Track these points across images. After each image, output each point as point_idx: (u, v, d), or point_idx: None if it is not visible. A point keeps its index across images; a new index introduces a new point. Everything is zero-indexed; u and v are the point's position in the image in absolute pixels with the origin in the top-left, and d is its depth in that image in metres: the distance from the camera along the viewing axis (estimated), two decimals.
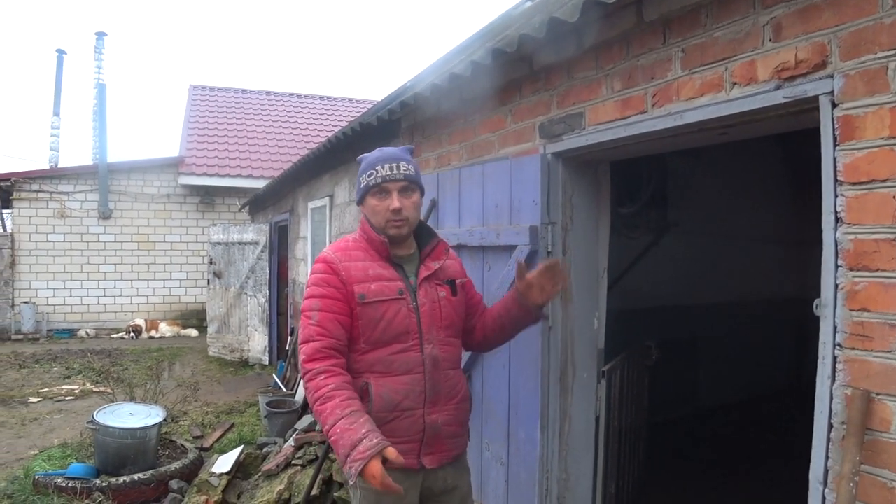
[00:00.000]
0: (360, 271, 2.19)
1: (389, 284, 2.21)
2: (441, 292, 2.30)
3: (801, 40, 1.80)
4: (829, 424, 1.74)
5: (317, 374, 2.06)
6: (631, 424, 3.77)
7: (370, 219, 2.28)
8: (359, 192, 2.30)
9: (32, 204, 13.72)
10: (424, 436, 2.21)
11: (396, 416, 2.17)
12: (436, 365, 2.23)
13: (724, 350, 6.31)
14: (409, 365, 2.19)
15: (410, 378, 2.19)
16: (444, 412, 2.26)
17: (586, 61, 2.63)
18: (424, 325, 2.22)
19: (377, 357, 2.19)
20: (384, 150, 2.30)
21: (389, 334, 2.18)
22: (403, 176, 2.21)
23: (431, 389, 2.21)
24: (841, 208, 1.72)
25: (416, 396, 2.19)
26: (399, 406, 2.17)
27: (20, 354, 11.11)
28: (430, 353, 2.22)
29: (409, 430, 2.18)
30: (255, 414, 7.26)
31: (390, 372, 2.18)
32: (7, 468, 5.41)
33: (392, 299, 2.18)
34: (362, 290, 2.16)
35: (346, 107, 19.28)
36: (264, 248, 10.57)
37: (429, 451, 2.23)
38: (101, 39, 22.53)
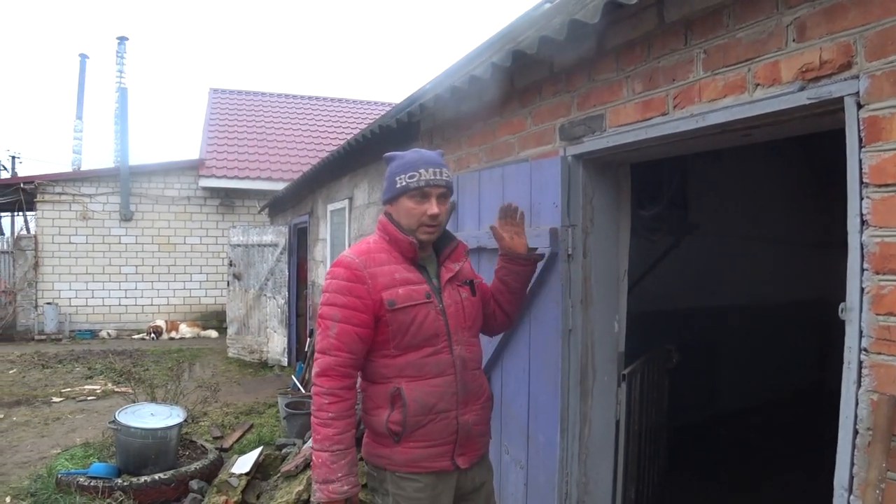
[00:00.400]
0: (387, 276, 2.16)
1: (417, 288, 2.19)
2: (463, 293, 2.31)
3: (825, 40, 1.78)
4: (855, 430, 1.72)
5: (324, 393, 2.09)
6: (651, 428, 3.74)
7: (400, 220, 2.23)
8: (391, 190, 2.24)
9: (56, 206, 13.91)
10: (458, 437, 2.22)
11: (431, 419, 2.16)
12: (465, 365, 2.25)
13: (746, 353, 6.24)
14: (440, 367, 2.19)
15: (443, 380, 2.19)
16: (474, 412, 2.27)
17: (607, 63, 2.62)
18: (452, 326, 2.23)
19: (408, 361, 2.17)
20: (422, 152, 2.28)
21: (420, 338, 2.17)
22: (445, 182, 2.22)
23: (463, 390, 2.23)
24: (867, 211, 1.69)
25: (449, 398, 2.19)
26: (434, 409, 2.17)
27: (43, 354, 11.26)
28: (460, 354, 2.24)
29: (443, 433, 2.18)
30: (274, 415, 7.29)
31: (422, 375, 2.17)
32: (30, 467, 5.48)
33: (421, 303, 2.17)
34: (391, 296, 2.13)
35: (365, 109, 19.34)
36: (283, 249, 10.62)
37: (461, 451, 2.24)
38: (122, 44, 22.84)
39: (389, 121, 4.59)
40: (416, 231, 2.20)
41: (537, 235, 2.88)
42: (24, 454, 5.88)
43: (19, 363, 10.53)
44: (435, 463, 2.19)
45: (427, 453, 2.17)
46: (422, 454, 2.17)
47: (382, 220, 2.30)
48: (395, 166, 2.26)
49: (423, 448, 2.17)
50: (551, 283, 2.88)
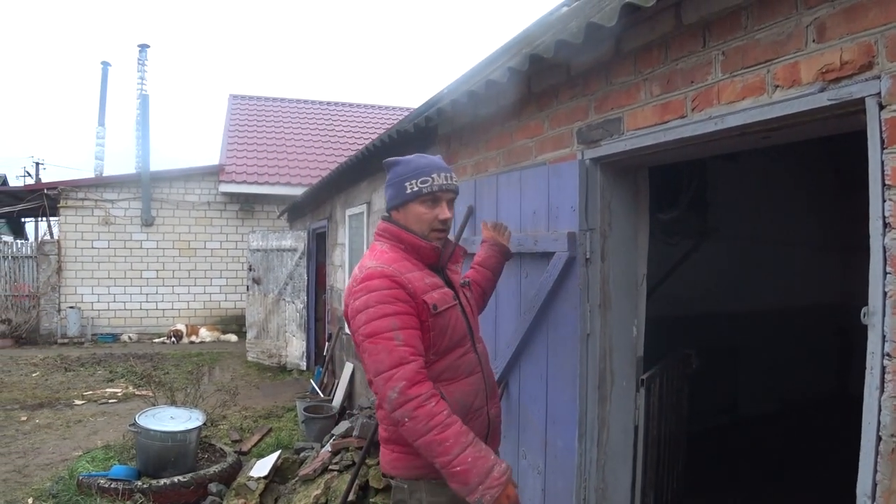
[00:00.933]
0: (420, 281, 2.10)
1: (445, 291, 2.18)
2: (468, 294, 2.42)
3: (846, 41, 1.75)
4: (878, 437, 1.68)
5: (426, 399, 1.92)
6: (670, 434, 3.71)
7: (410, 225, 2.19)
8: (401, 196, 2.19)
9: (78, 212, 14.09)
10: (489, 431, 2.26)
11: (470, 417, 2.14)
12: (486, 361, 2.35)
13: (765, 358, 6.17)
14: (471, 366, 2.24)
15: (475, 378, 2.24)
16: (495, 405, 2.36)
17: (624, 66, 2.61)
18: (472, 326, 2.32)
19: (445, 365, 2.14)
20: (429, 157, 2.26)
21: (454, 340, 2.17)
22: (455, 187, 2.24)
23: (489, 385, 2.31)
24: (889, 213, 1.66)
25: (481, 395, 2.25)
26: (472, 407, 2.18)
27: (66, 358, 11.40)
28: (481, 350, 2.33)
29: (479, 430, 2.15)
30: (292, 419, 7.32)
31: (457, 377, 2.16)
32: (52, 468, 5.54)
33: (452, 306, 2.19)
34: (431, 299, 2.09)
35: (383, 114, 19.41)
36: (302, 254, 10.67)
37: (491, 444, 2.24)
38: (143, 51, 23.13)
39: (407, 125, 4.60)
40: (427, 236, 2.19)
41: (555, 239, 2.88)
42: (47, 456, 5.95)
43: (42, 366, 10.67)
44: None
45: None
46: None
47: (391, 228, 2.22)
48: (401, 171, 2.21)
49: None
50: (569, 288, 2.86)
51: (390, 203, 2.25)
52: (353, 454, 4.59)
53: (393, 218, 2.26)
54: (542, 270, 2.98)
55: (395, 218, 2.24)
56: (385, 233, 2.24)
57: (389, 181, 2.25)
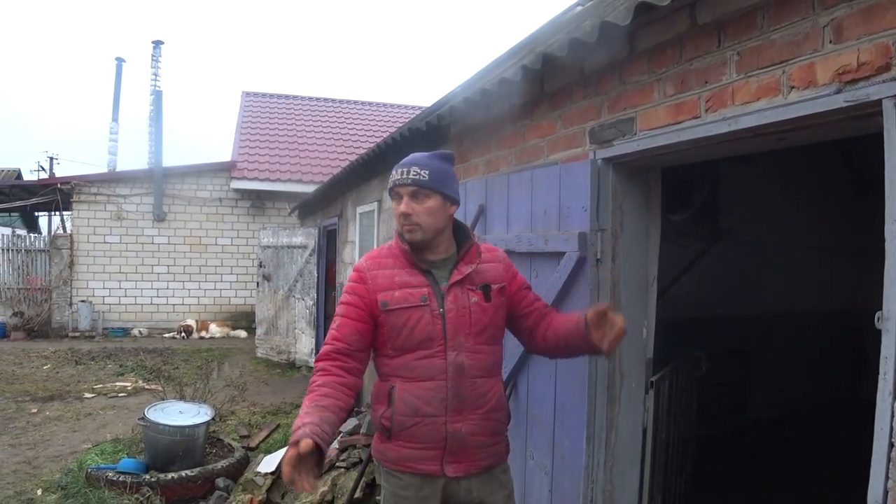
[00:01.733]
0: (387, 279, 2.23)
1: (413, 291, 2.21)
2: (472, 298, 2.25)
3: (863, 41, 1.73)
4: (891, 443, 1.66)
5: (316, 371, 2.20)
6: (679, 436, 3.68)
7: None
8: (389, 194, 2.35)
9: (91, 206, 14.18)
10: (447, 444, 2.19)
11: (417, 421, 2.18)
12: (461, 372, 2.20)
13: (777, 362, 6.13)
14: (432, 371, 2.19)
15: (434, 385, 2.18)
16: (470, 421, 2.21)
17: (638, 65, 2.59)
18: (450, 331, 2.20)
19: (402, 362, 2.22)
20: (411, 155, 2.30)
21: (413, 341, 2.19)
22: (412, 181, 2.20)
23: (454, 397, 2.19)
24: None
25: (437, 404, 2.18)
26: (419, 412, 2.18)
27: (77, 351, 11.48)
28: (455, 360, 2.20)
29: (430, 437, 2.19)
30: None
31: (414, 377, 2.20)
32: (62, 461, 5.58)
33: (415, 306, 2.19)
34: (385, 297, 2.20)
35: (395, 113, 19.43)
36: (312, 251, 10.69)
37: (453, 459, 2.21)
38: (157, 48, 23.23)
39: (419, 124, 4.59)
40: (401, 231, 2.26)
41: (566, 239, 2.86)
42: (56, 448, 6.00)
43: (53, 359, 10.75)
44: (421, 465, 2.21)
45: (414, 454, 2.20)
46: (409, 454, 2.21)
47: (395, 228, 2.36)
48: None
49: (411, 449, 2.20)
50: (579, 288, 2.85)
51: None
52: (360, 451, 4.59)
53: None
54: (552, 270, 2.97)
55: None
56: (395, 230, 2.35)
57: None
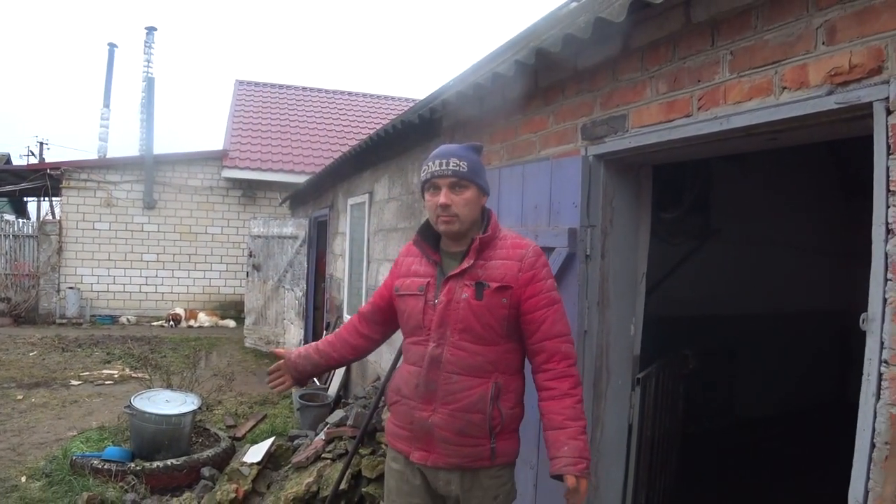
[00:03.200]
0: (407, 266, 2.40)
1: (417, 280, 2.33)
2: (464, 293, 2.18)
3: (856, 44, 1.74)
4: (872, 444, 1.68)
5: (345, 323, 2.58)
6: (664, 434, 3.70)
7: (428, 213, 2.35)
8: (420, 189, 2.40)
9: (81, 193, 14.08)
10: (413, 428, 2.28)
11: (397, 400, 2.35)
12: (434, 364, 2.19)
13: (764, 361, 6.16)
14: (415, 357, 2.29)
15: (415, 370, 2.28)
16: (438, 414, 2.19)
17: (631, 62, 2.59)
18: (435, 322, 2.22)
19: (406, 344, 2.40)
20: (444, 147, 2.33)
21: (409, 326, 2.34)
22: (452, 172, 2.19)
23: (424, 386, 2.23)
24: (893, 219, 1.65)
25: (411, 388, 2.28)
26: (399, 391, 2.35)
27: (64, 338, 11.41)
28: (433, 351, 2.20)
29: (404, 418, 2.32)
30: (287, 406, 7.33)
31: (407, 360, 2.37)
32: (47, 448, 5.55)
33: (412, 294, 2.31)
34: (399, 283, 2.39)
35: (388, 104, 19.38)
36: (303, 242, 10.66)
37: (420, 446, 2.27)
38: (150, 34, 23.05)
39: (411, 116, 4.58)
40: (435, 223, 2.28)
41: (556, 235, 2.86)
42: (41, 435, 5.96)
43: (40, 346, 10.68)
44: (399, 444, 2.36)
45: (394, 430, 2.38)
46: (391, 429, 2.41)
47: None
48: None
49: (392, 424, 2.40)
50: (568, 284, 2.85)
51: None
52: (346, 443, 4.58)
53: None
54: None
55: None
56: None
57: None
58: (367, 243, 6.67)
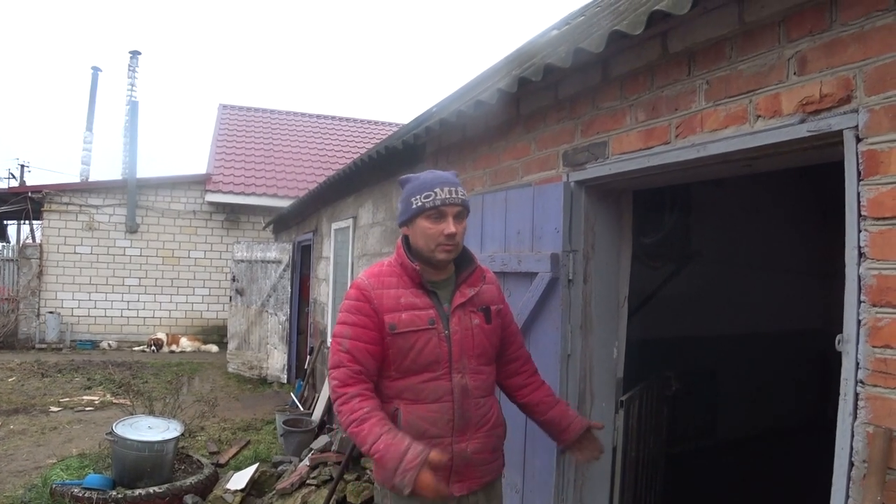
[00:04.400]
0: (392, 299, 2.19)
1: (421, 314, 2.19)
2: (475, 320, 2.26)
3: (825, 74, 1.80)
4: (850, 463, 1.71)
5: (351, 397, 2.08)
6: (649, 455, 3.72)
7: (417, 241, 2.22)
8: (407, 212, 2.23)
9: (62, 216, 13.98)
10: (453, 464, 2.19)
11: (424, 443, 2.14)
12: (465, 393, 2.22)
13: (746, 382, 6.22)
14: (438, 393, 2.19)
15: (439, 406, 2.19)
16: (475, 440, 2.25)
17: (611, 91, 2.65)
18: (455, 353, 2.21)
19: (407, 384, 2.20)
20: (437, 173, 2.28)
21: (420, 363, 2.18)
22: (461, 201, 2.19)
23: (460, 418, 2.21)
24: (864, 243, 1.70)
25: (443, 425, 2.19)
26: (426, 434, 2.16)
27: (43, 363, 11.26)
28: (460, 381, 2.21)
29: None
30: (271, 432, 7.27)
31: (419, 400, 2.19)
32: (25, 476, 5.46)
33: (423, 329, 2.18)
34: (393, 319, 2.16)
35: (372, 129, 19.47)
36: (287, 266, 10.64)
37: (458, 478, 2.22)
38: (134, 58, 23.04)
39: (395, 142, 4.62)
40: (434, 251, 2.19)
41: (538, 260, 2.90)
42: (20, 463, 5.87)
43: (19, 371, 10.53)
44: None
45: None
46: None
47: (398, 244, 2.30)
48: (409, 188, 2.25)
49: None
50: (551, 308, 2.89)
51: (399, 219, 2.30)
52: (331, 469, 4.57)
53: (404, 235, 2.30)
54: (524, 290, 3.00)
55: (406, 234, 2.28)
56: (396, 247, 2.32)
57: (401, 198, 2.29)
58: (352, 268, 6.68)
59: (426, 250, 2.20)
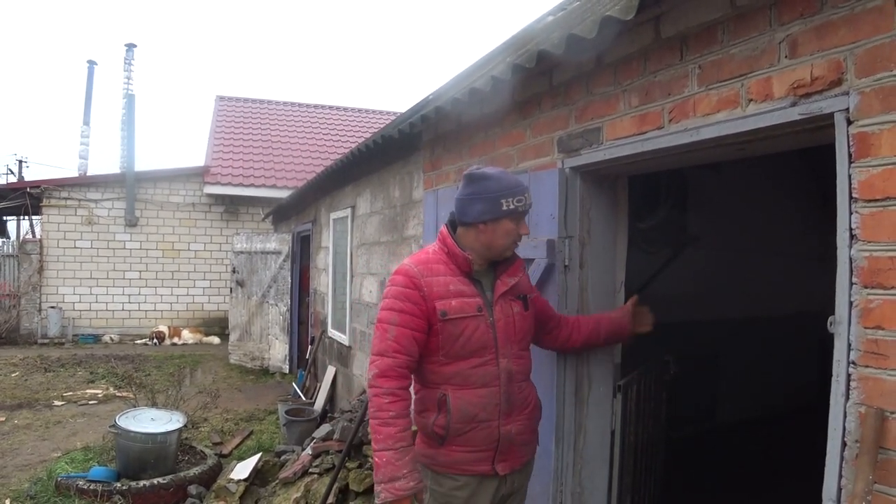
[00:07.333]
0: (442, 286, 2.26)
1: (470, 301, 2.28)
2: (515, 308, 2.37)
3: (816, 57, 1.80)
4: (843, 443, 1.73)
5: (385, 393, 2.15)
6: (648, 440, 3.74)
7: (496, 239, 2.29)
8: (495, 211, 2.25)
9: (61, 211, 13.99)
10: (499, 445, 2.30)
11: (473, 427, 2.27)
12: (510, 378, 2.32)
13: (746, 366, 6.24)
14: (485, 378, 2.28)
15: (487, 391, 2.28)
16: (518, 422, 2.35)
17: (604, 77, 2.65)
18: (500, 340, 2.30)
19: (455, 370, 2.27)
20: (513, 175, 2.41)
21: (468, 349, 2.26)
22: (531, 206, 2.37)
23: (506, 402, 2.31)
24: (856, 225, 1.71)
25: (491, 409, 2.28)
26: (476, 418, 2.26)
27: (46, 358, 11.30)
28: (506, 366, 2.31)
29: (485, 441, 2.29)
30: (274, 422, 7.31)
31: (467, 385, 2.27)
32: (31, 469, 5.50)
33: (472, 316, 2.26)
34: (444, 306, 2.23)
35: (369, 118, 19.44)
36: (286, 257, 10.66)
37: (502, 458, 2.32)
38: (130, 51, 22.93)
39: (392, 131, 4.62)
40: (507, 249, 2.33)
41: (535, 247, 2.91)
42: (25, 457, 5.91)
43: (22, 366, 10.57)
44: (474, 467, 2.30)
45: (467, 457, 2.29)
46: (462, 458, 2.29)
47: (443, 233, 2.39)
48: (494, 187, 2.27)
49: (464, 452, 2.29)
50: (548, 294, 2.90)
51: (481, 217, 2.28)
52: (333, 457, 4.60)
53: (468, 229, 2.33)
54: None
55: (481, 228, 2.30)
56: (439, 237, 2.40)
57: (478, 195, 2.29)
58: (351, 257, 6.70)
59: (501, 248, 2.31)
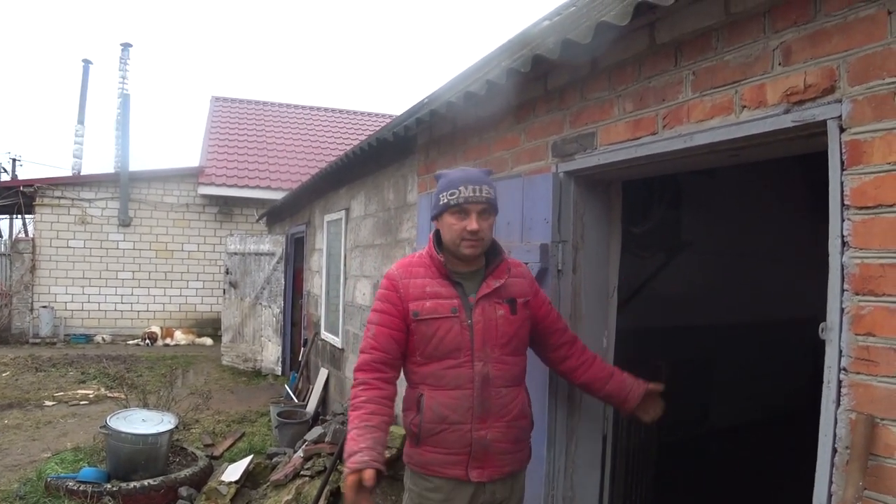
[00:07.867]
0: (419, 288, 2.33)
1: (444, 302, 2.31)
2: (500, 311, 2.35)
3: (810, 65, 1.81)
4: (834, 449, 1.73)
5: (358, 383, 2.29)
6: (639, 444, 3.76)
7: (444, 235, 2.35)
8: (436, 207, 2.36)
9: (54, 210, 13.93)
10: (472, 450, 2.29)
11: (444, 428, 2.29)
12: (486, 382, 2.31)
13: (738, 371, 6.25)
14: (458, 380, 2.29)
15: (460, 393, 2.28)
16: (494, 429, 2.32)
17: (599, 82, 2.66)
18: (477, 342, 2.30)
19: (431, 370, 2.32)
20: (467, 171, 2.40)
21: (442, 350, 2.30)
22: (485, 199, 2.30)
23: (480, 406, 2.29)
24: (847, 232, 1.72)
25: (463, 412, 2.29)
26: (447, 419, 2.28)
27: (37, 358, 11.24)
28: (482, 370, 2.30)
29: (456, 443, 2.29)
30: (266, 423, 7.29)
31: (441, 386, 2.31)
32: (20, 470, 5.47)
33: (445, 317, 2.30)
34: (417, 307, 2.30)
35: (364, 120, 19.44)
36: (280, 259, 10.64)
37: (477, 465, 2.31)
38: (126, 50, 22.89)
39: (387, 134, 4.62)
40: (459, 246, 2.31)
41: (528, 251, 2.91)
42: (15, 457, 5.88)
43: (13, 366, 10.52)
44: (447, 470, 2.31)
45: (440, 459, 2.31)
46: (435, 458, 2.32)
47: (430, 236, 2.45)
48: (440, 184, 2.38)
49: (437, 454, 2.32)
50: None
51: (431, 214, 2.44)
52: (325, 460, 4.59)
53: (435, 228, 2.43)
54: None
55: (437, 227, 2.41)
56: (429, 240, 2.46)
57: (434, 194, 2.41)
58: (344, 259, 6.69)
59: (452, 245, 2.33)
